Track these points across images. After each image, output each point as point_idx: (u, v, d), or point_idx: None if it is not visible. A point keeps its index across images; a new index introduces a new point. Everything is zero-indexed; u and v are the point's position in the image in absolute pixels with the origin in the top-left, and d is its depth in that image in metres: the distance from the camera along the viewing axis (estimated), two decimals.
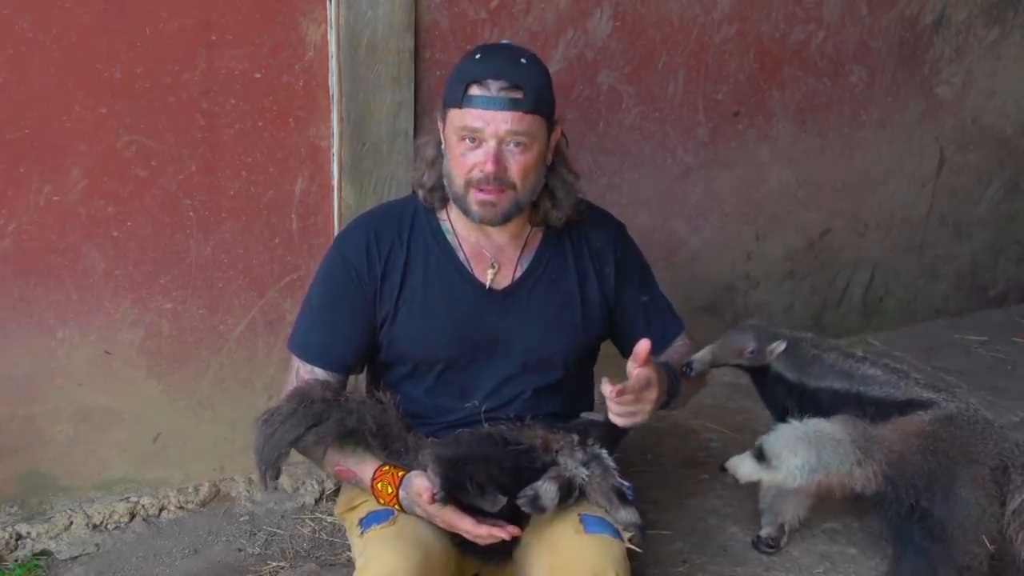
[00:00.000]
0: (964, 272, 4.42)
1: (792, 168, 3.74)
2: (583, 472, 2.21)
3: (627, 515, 2.24)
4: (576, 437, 2.26)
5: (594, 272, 2.40)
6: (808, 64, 3.60)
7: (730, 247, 3.74)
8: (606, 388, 2.10)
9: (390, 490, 2.17)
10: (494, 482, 2.13)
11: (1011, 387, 3.77)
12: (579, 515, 2.19)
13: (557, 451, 2.24)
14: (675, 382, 2.38)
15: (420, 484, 2.11)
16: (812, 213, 3.88)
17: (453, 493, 2.11)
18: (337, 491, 2.78)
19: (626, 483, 2.28)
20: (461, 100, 2.12)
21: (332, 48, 2.69)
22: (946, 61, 3.91)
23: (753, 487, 2.87)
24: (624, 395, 2.11)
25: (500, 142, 2.13)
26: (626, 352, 2.50)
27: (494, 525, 2.10)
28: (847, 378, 2.47)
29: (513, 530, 2.12)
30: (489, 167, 2.13)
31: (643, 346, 2.11)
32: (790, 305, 3.97)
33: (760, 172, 3.68)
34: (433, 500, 2.08)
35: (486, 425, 2.28)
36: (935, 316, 4.40)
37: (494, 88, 2.11)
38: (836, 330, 4.09)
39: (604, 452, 2.25)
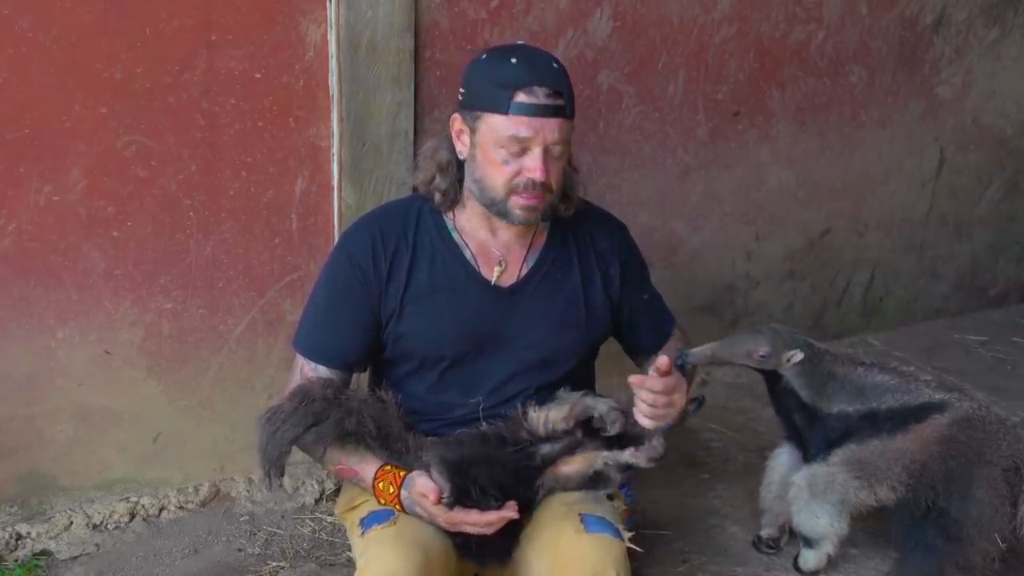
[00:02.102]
0: (964, 272, 4.42)
1: (792, 168, 3.75)
2: (631, 456, 2.23)
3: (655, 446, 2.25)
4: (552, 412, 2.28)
5: (599, 272, 2.41)
6: (808, 64, 3.60)
7: (730, 247, 3.74)
8: (635, 379, 2.16)
9: (392, 490, 2.17)
10: (496, 483, 2.14)
11: (1011, 387, 3.77)
12: (580, 514, 2.19)
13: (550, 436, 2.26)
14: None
15: (424, 484, 2.12)
16: (812, 213, 3.88)
17: (457, 497, 2.11)
18: (337, 491, 2.79)
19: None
20: (507, 107, 2.09)
21: (332, 48, 2.69)
22: (946, 61, 3.91)
23: (752, 486, 2.87)
24: (658, 382, 2.14)
25: (546, 149, 2.13)
26: (629, 348, 2.57)
27: (500, 508, 2.12)
28: (860, 397, 2.46)
29: (515, 506, 2.14)
30: (540, 176, 2.13)
31: (664, 361, 2.15)
32: (790, 305, 3.97)
33: (760, 172, 3.68)
34: (439, 502, 2.09)
35: (484, 424, 2.28)
36: (935, 316, 4.41)
37: (541, 95, 2.09)
38: (836, 330, 4.09)
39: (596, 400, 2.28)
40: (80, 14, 2.42)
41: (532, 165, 2.13)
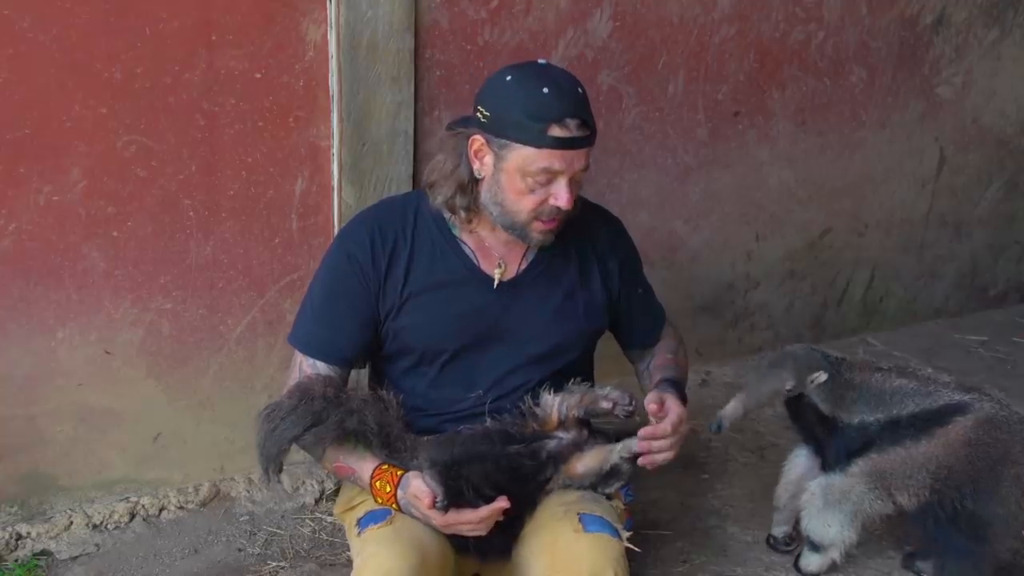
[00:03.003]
0: (964, 272, 4.42)
1: (792, 168, 3.75)
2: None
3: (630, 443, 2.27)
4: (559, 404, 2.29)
5: (597, 267, 2.42)
6: (808, 64, 3.60)
7: (730, 247, 3.74)
8: (647, 431, 2.20)
9: (388, 489, 2.17)
10: (490, 481, 2.13)
11: (1011, 387, 3.76)
12: (578, 514, 2.19)
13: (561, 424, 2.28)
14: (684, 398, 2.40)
15: (418, 487, 2.12)
16: (812, 213, 3.88)
17: (451, 499, 2.11)
18: (337, 491, 2.78)
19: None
20: (542, 141, 2.09)
21: (332, 48, 2.69)
22: (946, 61, 3.91)
23: (753, 486, 2.87)
24: (660, 434, 2.19)
25: (572, 177, 2.15)
26: (623, 340, 2.60)
27: (490, 503, 2.13)
28: (880, 405, 2.44)
29: (506, 497, 2.15)
30: (567, 205, 2.15)
31: (653, 407, 2.22)
32: (790, 305, 3.97)
33: (760, 172, 3.68)
34: (433, 506, 2.10)
35: (488, 418, 2.29)
36: (935, 316, 4.40)
37: (573, 127, 2.10)
38: (836, 330, 4.09)
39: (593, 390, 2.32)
40: (80, 14, 2.42)
41: (559, 194, 2.15)
